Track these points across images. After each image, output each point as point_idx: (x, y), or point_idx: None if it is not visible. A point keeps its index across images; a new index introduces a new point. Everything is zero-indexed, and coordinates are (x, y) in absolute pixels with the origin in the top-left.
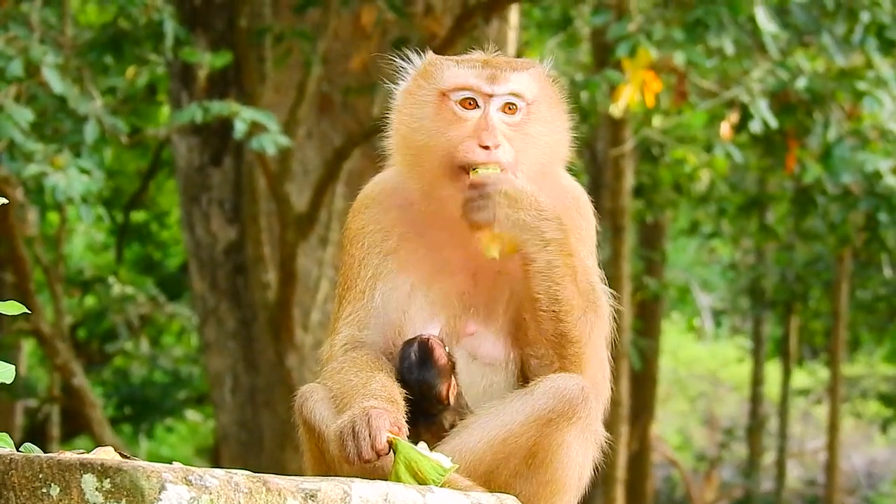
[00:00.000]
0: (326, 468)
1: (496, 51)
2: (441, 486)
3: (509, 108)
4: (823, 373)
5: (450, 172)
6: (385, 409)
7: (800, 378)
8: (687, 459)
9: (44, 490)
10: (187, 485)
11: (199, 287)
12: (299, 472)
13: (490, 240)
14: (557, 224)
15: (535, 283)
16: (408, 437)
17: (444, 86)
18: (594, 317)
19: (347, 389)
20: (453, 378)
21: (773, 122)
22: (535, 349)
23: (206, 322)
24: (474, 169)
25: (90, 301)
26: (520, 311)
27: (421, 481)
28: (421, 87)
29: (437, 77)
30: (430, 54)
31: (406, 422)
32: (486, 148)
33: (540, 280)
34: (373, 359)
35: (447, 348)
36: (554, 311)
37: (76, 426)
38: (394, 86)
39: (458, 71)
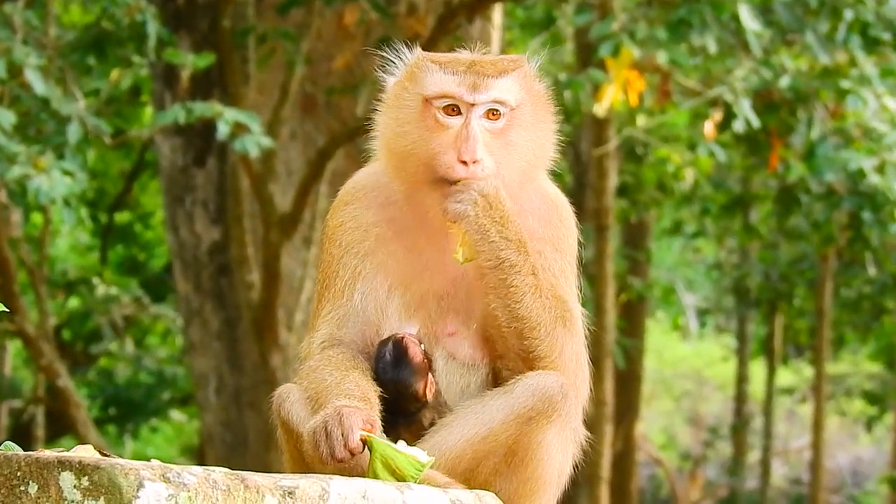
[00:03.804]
0: (306, 468)
1: (484, 50)
2: (419, 482)
3: (492, 114)
4: (808, 371)
5: (431, 180)
6: (357, 407)
7: (784, 376)
8: (672, 458)
9: (22, 488)
10: (165, 482)
11: (184, 288)
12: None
13: (462, 242)
14: (517, 245)
15: (490, 300)
16: (388, 436)
17: (427, 92)
18: (564, 331)
19: (322, 389)
20: (430, 376)
21: (756, 122)
22: (505, 362)
23: (191, 323)
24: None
25: (74, 302)
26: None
27: (399, 478)
28: (406, 89)
29: (421, 81)
30: (417, 53)
31: (385, 421)
32: (466, 163)
33: (495, 297)
34: (349, 357)
35: (423, 346)
36: (516, 328)
37: (61, 427)
38: (383, 79)
39: (440, 77)
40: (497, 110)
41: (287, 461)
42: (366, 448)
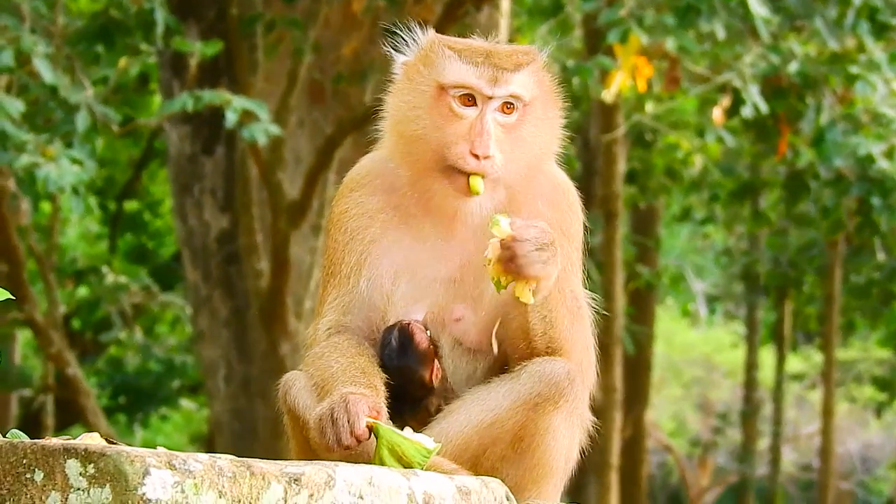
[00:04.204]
0: (312, 455)
1: (495, 38)
2: (425, 468)
3: (507, 107)
4: (817, 357)
5: (440, 167)
6: (363, 394)
7: (794, 363)
8: (681, 445)
9: (28, 476)
10: (171, 469)
11: (192, 276)
12: None
13: (494, 272)
14: (553, 252)
15: (531, 315)
16: (394, 423)
17: (444, 80)
18: (577, 322)
19: (327, 376)
20: (436, 362)
21: (764, 108)
22: (516, 350)
23: (200, 311)
24: (473, 175)
25: (83, 291)
26: (507, 300)
27: (405, 464)
28: (420, 73)
29: (437, 67)
30: (431, 35)
31: (391, 408)
32: (477, 157)
33: (537, 311)
34: (354, 344)
35: (429, 333)
36: (548, 335)
37: (71, 416)
38: (394, 59)
39: (459, 66)
40: (512, 104)
41: (293, 448)
42: (372, 435)
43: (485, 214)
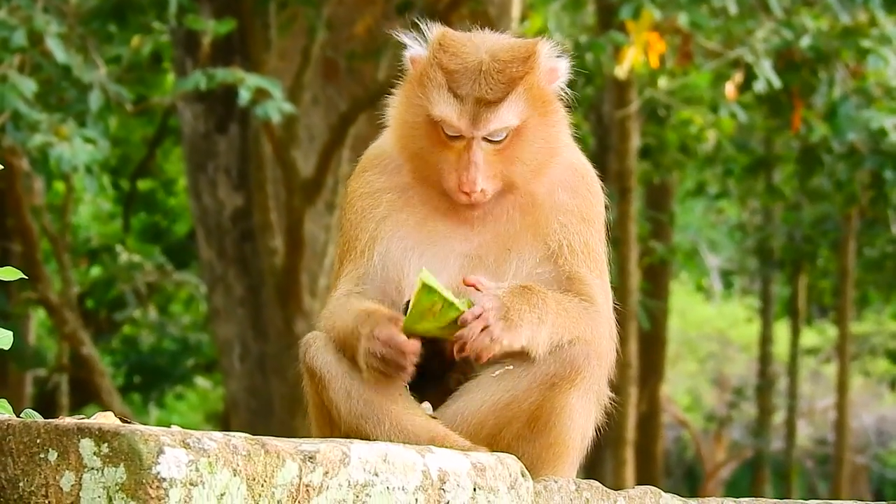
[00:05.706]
0: (329, 418)
1: (502, 28)
2: (441, 446)
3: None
4: (832, 331)
5: (440, 187)
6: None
7: (808, 337)
8: (697, 420)
9: (42, 455)
10: (185, 448)
11: (207, 254)
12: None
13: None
14: (538, 313)
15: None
16: (413, 397)
17: (431, 114)
18: (591, 313)
19: (348, 317)
20: None
21: (777, 82)
22: None
23: (214, 289)
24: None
25: (97, 270)
26: (527, 272)
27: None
28: (416, 96)
29: (428, 93)
30: (433, 37)
31: (412, 383)
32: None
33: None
34: (370, 299)
35: None
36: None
37: (86, 395)
38: (404, 44)
39: (445, 99)
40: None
41: (311, 411)
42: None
43: (500, 207)
